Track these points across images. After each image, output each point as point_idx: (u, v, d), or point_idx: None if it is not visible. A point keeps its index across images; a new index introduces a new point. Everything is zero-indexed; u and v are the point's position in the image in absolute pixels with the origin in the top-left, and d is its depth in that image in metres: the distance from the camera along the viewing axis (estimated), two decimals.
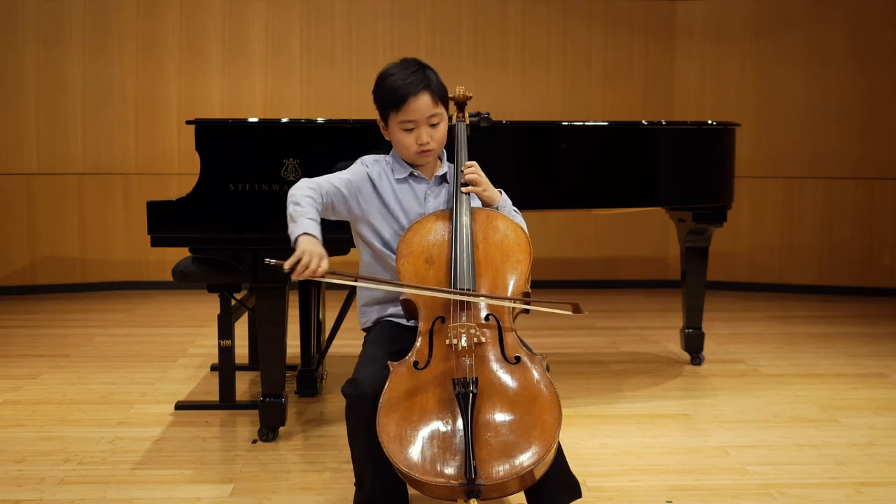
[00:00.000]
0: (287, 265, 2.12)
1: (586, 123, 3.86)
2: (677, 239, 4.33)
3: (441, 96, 2.43)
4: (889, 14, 6.30)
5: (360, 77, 6.44)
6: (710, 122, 4.08)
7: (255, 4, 6.42)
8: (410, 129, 2.41)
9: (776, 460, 3.07)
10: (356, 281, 2.28)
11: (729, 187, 4.13)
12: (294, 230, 2.22)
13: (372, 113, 2.53)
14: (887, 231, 6.42)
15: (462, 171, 2.45)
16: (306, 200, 2.29)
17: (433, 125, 2.42)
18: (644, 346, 4.82)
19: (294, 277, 2.14)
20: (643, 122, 3.81)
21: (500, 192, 2.51)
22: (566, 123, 3.73)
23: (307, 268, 2.12)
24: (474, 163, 2.47)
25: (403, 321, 2.44)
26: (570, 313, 2.20)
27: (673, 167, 3.90)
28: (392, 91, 2.39)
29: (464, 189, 2.42)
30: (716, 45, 6.58)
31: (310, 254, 2.13)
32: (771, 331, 5.21)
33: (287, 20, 6.45)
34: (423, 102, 2.38)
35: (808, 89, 6.42)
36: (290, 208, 2.28)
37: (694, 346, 4.34)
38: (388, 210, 2.45)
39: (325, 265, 2.14)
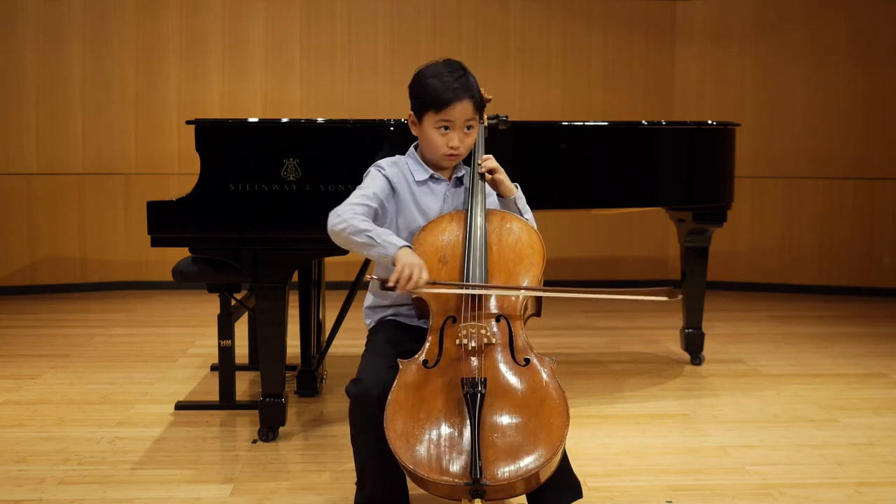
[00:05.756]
0: (391, 281, 2.14)
1: (586, 123, 3.86)
2: (677, 239, 4.33)
3: (479, 104, 2.44)
4: (889, 14, 6.30)
5: (360, 77, 6.44)
6: (710, 122, 4.08)
7: (255, 4, 6.42)
8: (445, 131, 2.40)
9: (776, 460, 3.08)
10: (459, 288, 2.26)
11: (729, 187, 4.13)
12: (386, 250, 2.20)
13: (372, 113, 2.54)
14: (887, 231, 6.42)
15: (479, 164, 2.45)
16: (366, 223, 2.27)
17: (467, 129, 2.42)
18: (644, 346, 4.82)
19: (399, 291, 2.15)
20: (643, 122, 3.81)
21: (517, 186, 2.51)
22: (566, 123, 3.73)
23: (410, 279, 2.13)
24: (490, 155, 2.48)
25: (407, 321, 2.45)
26: (665, 299, 2.21)
27: (673, 167, 3.89)
28: (437, 91, 2.37)
29: (488, 176, 2.43)
30: (716, 45, 6.58)
31: (410, 266, 2.14)
32: (771, 331, 5.21)
33: (287, 20, 6.45)
34: (465, 107, 2.38)
35: (808, 89, 6.42)
36: (359, 238, 2.24)
37: (694, 346, 4.34)
38: (405, 214, 2.45)
39: (425, 275, 2.16)
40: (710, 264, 4.32)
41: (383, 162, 2.50)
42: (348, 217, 2.28)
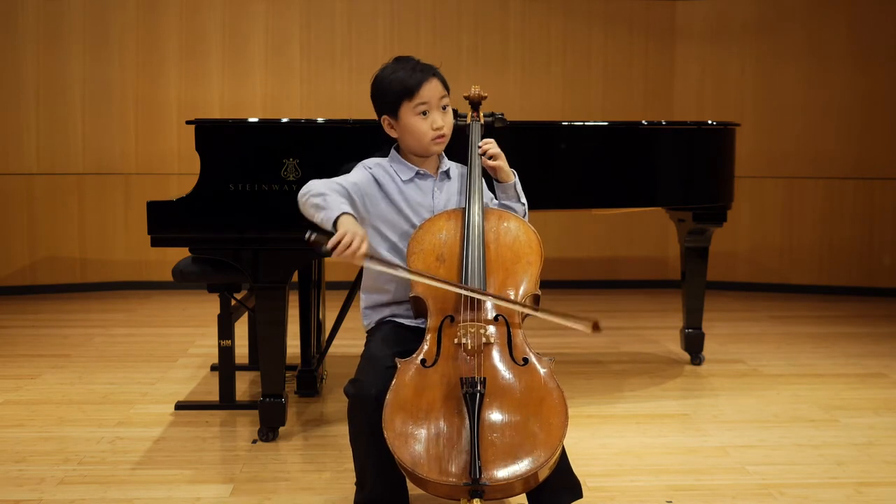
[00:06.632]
0: (330, 244, 2.10)
1: (586, 123, 3.86)
2: (677, 239, 4.32)
3: (446, 85, 2.47)
4: (889, 14, 6.30)
5: (360, 77, 6.44)
6: (710, 122, 4.08)
7: (255, 4, 6.42)
8: (425, 116, 2.42)
9: (776, 460, 3.08)
10: (395, 269, 2.25)
11: (729, 187, 4.13)
12: (329, 214, 2.19)
13: (372, 113, 2.53)
14: (887, 231, 6.42)
15: (479, 147, 2.47)
16: (329, 190, 2.27)
17: (443, 108, 2.45)
18: (644, 346, 4.82)
19: (334, 256, 2.11)
20: (643, 122, 3.81)
21: (514, 173, 2.52)
22: (566, 123, 3.73)
23: (348, 247, 2.10)
24: (492, 140, 2.50)
25: (406, 322, 2.45)
26: (587, 331, 2.12)
27: (673, 167, 3.89)
28: (403, 81, 2.41)
29: (488, 162, 2.44)
30: (716, 45, 6.58)
31: (352, 234, 2.11)
32: (771, 331, 5.20)
33: (287, 20, 6.45)
34: (434, 86, 2.42)
35: (808, 89, 6.42)
36: (315, 199, 2.25)
37: (694, 346, 4.34)
38: (397, 211, 2.44)
39: (365, 247, 2.13)
40: (710, 264, 4.32)
41: (369, 161, 2.51)
42: (315, 185, 2.30)
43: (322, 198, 2.24)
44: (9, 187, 6.22)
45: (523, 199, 2.53)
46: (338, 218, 2.17)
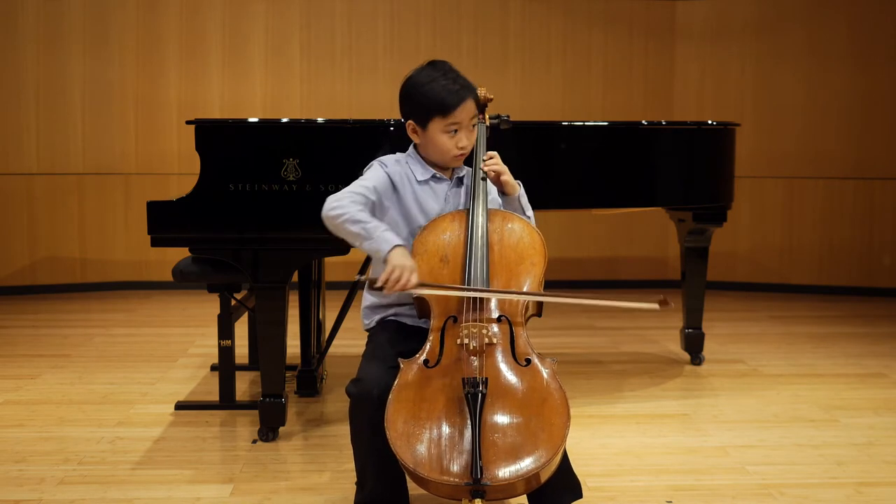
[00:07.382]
0: (380, 281, 2.13)
1: (586, 123, 3.86)
2: (677, 239, 4.33)
3: (478, 103, 2.45)
4: (889, 14, 6.30)
5: (359, 77, 6.44)
6: (710, 122, 4.08)
7: (255, 4, 6.42)
8: (454, 133, 2.39)
9: (776, 460, 3.08)
10: (448, 290, 2.25)
11: (729, 187, 4.13)
12: (379, 245, 2.18)
13: (372, 113, 2.53)
14: (887, 231, 6.42)
15: (484, 160, 2.46)
16: (364, 214, 2.25)
17: (472, 126, 2.43)
18: (644, 346, 4.82)
19: (387, 291, 2.14)
20: (643, 122, 3.81)
21: (519, 184, 2.51)
22: (566, 123, 3.73)
23: (398, 281, 2.12)
24: (495, 153, 2.48)
25: (407, 321, 2.45)
26: (656, 307, 2.23)
27: (673, 167, 3.89)
28: (441, 96, 2.36)
29: (492, 174, 2.43)
30: (716, 45, 6.58)
31: (401, 268, 2.13)
32: (771, 331, 5.21)
33: (287, 20, 6.45)
34: (469, 107, 2.39)
35: (808, 89, 6.42)
36: (353, 227, 2.22)
37: (694, 346, 4.34)
38: (406, 213, 2.43)
39: (415, 279, 2.15)
40: (710, 264, 4.32)
41: (387, 159, 2.48)
42: (346, 204, 2.26)
43: (362, 226, 2.21)
44: (9, 187, 6.22)
45: (529, 213, 2.51)
46: (388, 252, 2.17)
